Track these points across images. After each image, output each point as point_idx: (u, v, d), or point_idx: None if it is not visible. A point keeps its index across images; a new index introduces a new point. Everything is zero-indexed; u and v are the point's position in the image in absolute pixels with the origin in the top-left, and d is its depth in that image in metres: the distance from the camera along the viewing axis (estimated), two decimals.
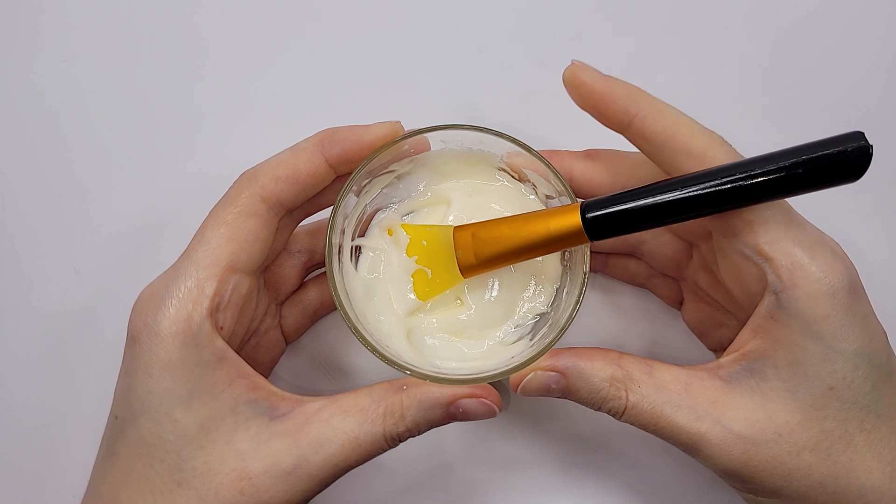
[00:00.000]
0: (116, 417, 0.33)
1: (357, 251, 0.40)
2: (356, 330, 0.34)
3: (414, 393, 0.33)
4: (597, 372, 0.33)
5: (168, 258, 0.35)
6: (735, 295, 0.36)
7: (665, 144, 0.33)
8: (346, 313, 0.34)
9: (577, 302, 0.34)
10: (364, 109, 0.47)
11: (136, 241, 0.47)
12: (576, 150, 0.40)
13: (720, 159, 0.32)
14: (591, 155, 0.39)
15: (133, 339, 0.32)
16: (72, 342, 0.45)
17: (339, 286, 0.35)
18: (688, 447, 0.33)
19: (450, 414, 0.33)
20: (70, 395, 0.45)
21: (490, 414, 0.33)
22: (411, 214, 0.41)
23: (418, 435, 0.34)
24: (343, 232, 0.38)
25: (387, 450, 0.33)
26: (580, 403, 0.34)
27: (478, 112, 0.46)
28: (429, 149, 0.38)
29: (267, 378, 0.35)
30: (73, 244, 0.47)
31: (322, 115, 0.48)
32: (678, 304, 0.44)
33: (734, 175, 0.30)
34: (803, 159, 0.29)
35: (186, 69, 0.49)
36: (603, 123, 0.36)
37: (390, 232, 0.40)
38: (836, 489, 0.31)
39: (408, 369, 0.33)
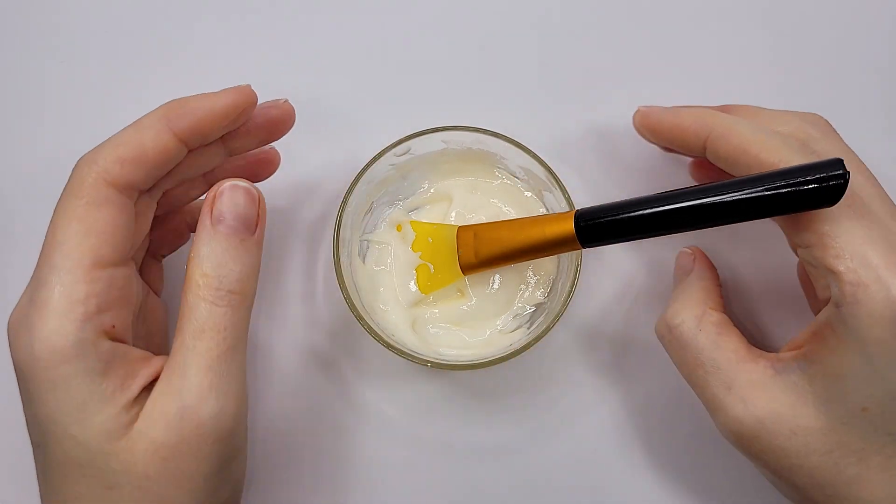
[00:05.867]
0: (37, 447, 0.32)
1: (364, 245, 0.42)
2: (364, 321, 0.36)
3: None
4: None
5: None
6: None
7: (738, 161, 0.33)
8: (353, 306, 0.36)
9: (570, 293, 0.36)
10: (364, 109, 0.47)
11: None
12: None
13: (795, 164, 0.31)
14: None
15: (18, 369, 0.30)
16: None
17: (347, 281, 0.37)
18: (708, 408, 0.34)
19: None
20: None
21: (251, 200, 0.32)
22: (415, 211, 0.43)
23: None
24: (350, 227, 0.40)
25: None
26: None
27: (477, 112, 0.46)
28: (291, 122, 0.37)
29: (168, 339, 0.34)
30: None
31: (322, 114, 0.48)
32: None
33: (723, 193, 0.31)
34: (786, 182, 0.29)
35: (187, 69, 0.49)
36: (683, 153, 0.37)
37: (399, 227, 0.42)
38: (834, 493, 0.32)
39: (413, 357, 0.36)
